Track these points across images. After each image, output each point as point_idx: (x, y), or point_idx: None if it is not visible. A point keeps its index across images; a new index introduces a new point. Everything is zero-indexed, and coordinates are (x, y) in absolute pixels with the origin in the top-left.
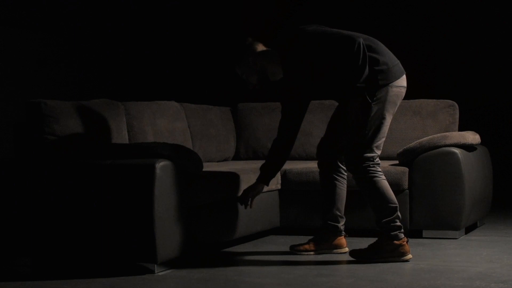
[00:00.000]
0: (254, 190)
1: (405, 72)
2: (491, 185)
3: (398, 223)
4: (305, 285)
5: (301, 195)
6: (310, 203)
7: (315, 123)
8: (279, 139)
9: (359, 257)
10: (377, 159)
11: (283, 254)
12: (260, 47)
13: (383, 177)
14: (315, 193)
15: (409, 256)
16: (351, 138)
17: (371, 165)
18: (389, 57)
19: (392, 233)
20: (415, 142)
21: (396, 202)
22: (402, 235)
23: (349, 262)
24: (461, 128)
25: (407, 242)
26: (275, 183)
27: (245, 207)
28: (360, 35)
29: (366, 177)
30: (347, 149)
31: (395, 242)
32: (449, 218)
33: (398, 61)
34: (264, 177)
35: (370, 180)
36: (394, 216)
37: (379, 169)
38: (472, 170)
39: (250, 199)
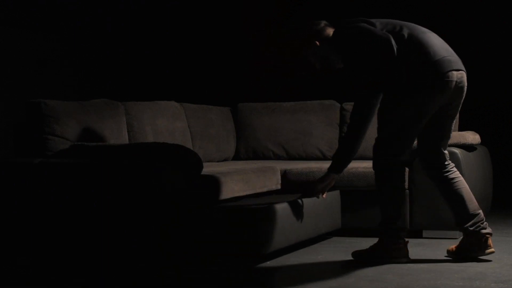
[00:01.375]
0: (323, 182)
1: (451, 68)
2: (491, 185)
3: (399, 230)
4: (305, 285)
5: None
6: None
7: (315, 123)
8: (353, 127)
9: (359, 257)
10: (399, 161)
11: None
12: (329, 32)
13: (398, 184)
14: None
15: (408, 258)
16: (378, 133)
17: (388, 168)
18: (434, 51)
19: (390, 237)
20: (415, 142)
21: (400, 213)
22: (402, 238)
23: (349, 262)
24: (461, 128)
25: (406, 243)
26: (275, 183)
27: (317, 198)
28: (405, 26)
29: (379, 177)
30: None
31: (394, 243)
32: (449, 218)
33: (448, 57)
34: (336, 166)
35: (383, 183)
36: (394, 224)
37: (398, 175)
38: (472, 170)
39: (320, 192)
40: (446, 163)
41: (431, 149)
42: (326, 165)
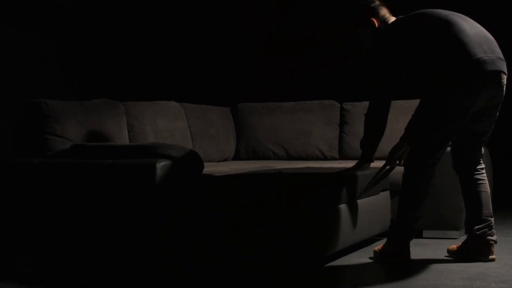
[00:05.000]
0: (400, 149)
1: (486, 70)
2: (491, 185)
3: (409, 233)
4: (303, 286)
5: None
6: None
7: (315, 123)
8: (367, 125)
9: (375, 257)
10: (429, 163)
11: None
12: (384, 12)
13: (422, 184)
14: None
15: (409, 258)
16: (414, 140)
17: (415, 168)
18: (470, 52)
19: (397, 235)
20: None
21: (419, 213)
22: (407, 240)
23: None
24: None
25: (409, 244)
26: None
27: (392, 167)
28: (444, 24)
29: (409, 181)
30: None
31: (398, 243)
32: (449, 218)
33: (483, 58)
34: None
35: (406, 181)
36: (409, 226)
37: (425, 174)
38: None
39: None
40: (480, 162)
41: (469, 148)
42: (326, 165)
